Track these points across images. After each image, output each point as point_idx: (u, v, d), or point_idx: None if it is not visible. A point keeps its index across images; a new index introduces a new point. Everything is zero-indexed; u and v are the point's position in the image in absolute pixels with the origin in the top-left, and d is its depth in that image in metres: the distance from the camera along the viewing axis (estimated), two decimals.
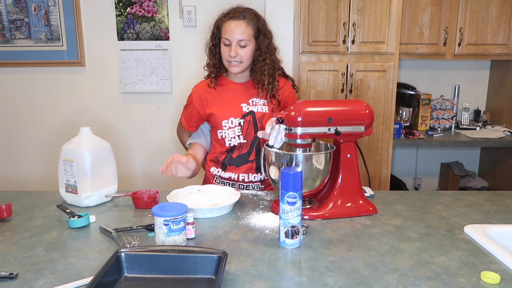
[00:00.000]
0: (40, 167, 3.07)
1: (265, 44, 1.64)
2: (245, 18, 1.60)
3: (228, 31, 1.60)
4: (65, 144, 1.45)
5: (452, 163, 3.35)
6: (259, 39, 1.63)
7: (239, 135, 1.68)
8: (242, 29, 1.59)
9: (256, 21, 1.63)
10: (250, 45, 1.62)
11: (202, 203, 1.38)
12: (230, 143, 1.70)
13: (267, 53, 1.65)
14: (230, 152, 1.71)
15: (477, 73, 3.33)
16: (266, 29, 1.66)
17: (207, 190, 1.50)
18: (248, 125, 1.68)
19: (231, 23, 1.60)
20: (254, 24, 1.62)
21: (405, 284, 0.95)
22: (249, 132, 1.69)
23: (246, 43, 1.60)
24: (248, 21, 1.60)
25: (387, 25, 2.56)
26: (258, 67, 1.65)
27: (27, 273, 1.00)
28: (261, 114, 1.69)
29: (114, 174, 1.53)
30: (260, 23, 1.64)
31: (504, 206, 1.45)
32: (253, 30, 1.62)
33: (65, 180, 1.45)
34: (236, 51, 1.60)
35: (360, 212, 1.37)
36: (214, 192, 1.48)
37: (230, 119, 1.67)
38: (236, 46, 1.60)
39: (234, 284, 0.95)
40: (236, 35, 1.59)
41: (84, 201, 1.43)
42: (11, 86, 2.98)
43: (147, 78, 2.95)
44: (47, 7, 2.85)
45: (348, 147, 1.37)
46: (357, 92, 2.63)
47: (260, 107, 1.70)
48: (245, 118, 1.68)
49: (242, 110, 1.68)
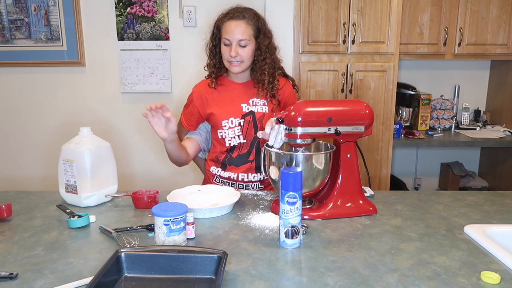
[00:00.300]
0: (40, 167, 3.07)
1: (265, 44, 1.64)
2: (245, 18, 1.61)
3: (228, 31, 1.60)
4: (65, 144, 1.45)
5: (452, 163, 3.35)
6: (259, 39, 1.64)
7: (239, 135, 1.68)
8: (242, 29, 1.59)
9: (256, 20, 1.63)
10: (250, 45, 1.62)
11: (202, 203, 1.38)
12: (230, 143, 1.70)
13: (267, 52, 1.65)
14: (230, 152, 1.71)
15: (477, 73, 3.33)
16: (266, 28, 1.66)
17: (207, 190, 1.50)
18: (248, 125, 1.68)
19: (231, 23, 1.60)
20: (254, 24, 1.62)
21: (405, 284, 0.95)
22: (249, 132, 1.69)
23: (247, 43, 1.60)
24: (248, 20, 1.61)
25: (387, 25, 2.56)
26: (258, 66, 1.66)
27: (27, 273, 1.00)
28: (261, 114, 1.69)
29: (114, 174, 1.53)
30: (260, 22, 1.64)
31: (504, 206, 1.45)
32: (253, 30, 1.62)
33: (65, 180, 1.45)
34: (237, 51, 1.60)
35: (360, 212, 1.37)
36: (214, 192, 1.48)
37: (230, 119, 1.67)
38: (236, 46, 1.60)
39: (234, 284, 0.95)
40: (236, 35, 1.59)
41: (84, 201, 1.43)
42: (11, 86, 2.98)
43: (147, 78, 2.95)
44: (47, 7, 2.85)
45: (348, 147, 1.37)
46: (357, 92, 2.63)
47: (260, 107, 1.70)
48: (245, 118, 1.68)
49: (242, 110, 1.68)
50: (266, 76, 1.65)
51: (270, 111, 1.70)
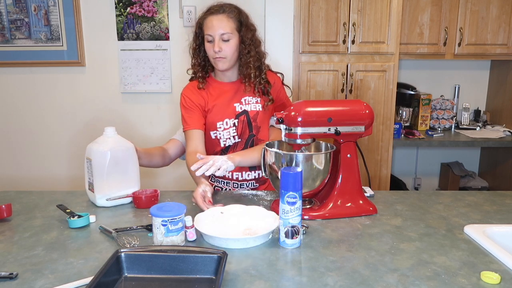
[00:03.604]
0: (40, 167, 3.07)
1: (248, 37, 1.61)
2: (225, 12, 1.58)
3: (209, 26, 1.58)
4: (91, 142, 1.45)
5: (452, 163, 3.35)
6: (242, 32, 1.60)
7: (234, 135, 1.68)
8: (223, 23, 1.57)
9: (236, 13, 1.60)
10: (234, 39, 1.59)
11: (233, 228, 1.20)
12: (225, 143, 1.69)
13: (251, 45, 1.62)
14: (224, 151, 1.70)
15: (477, 73, 3.33)
16: (248, 21, 1.63)
17: (231, 212, 1.30)
18: (242, 125, 1.68)
19: (212, 18, 1.58)
20: (235, 17, 1.59)
21: (405, 284, 0.95)
22: (244, 131, 1.68)
23: (229, 37, 1.57)
24: (228, 14, 1.58)
25: (387, 25, 2.56)
26: (243, 60, 1.63)
27: (27, 273, 1.00)
28: (254, 112, 1.68)
29: (135, 176, 1.48)
30: (241, 16, 1.61)
31: (504, 206, 1.45)
32: (235, 23, 1.59)
33: (87, 178, 1.45)
34: (220, 46, 1.57)
35: (360, 212, 1.37)
36: (240, 213, 1.29)
37: (225, 120, 1.66)
38: (219, 40, 1.57)
39: (234, 284, 0.95)
40: (218, 30, 1.56)
41: (99, 201, 1.42)
42: (11, 86, 2.98)
43: (147, 78, 2.95)
44: (47, 7, 2.85)
45: (348, 147, 1.37)
46: (357, 92, 2.63)
47: (253, 105, 1.68)
48: (239, 118, 1.67)
49: (236, 110, 1.67)
50: (251, 69, 1.62)
51: (263, 108, 1.69)
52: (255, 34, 1.65)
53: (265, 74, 1.67)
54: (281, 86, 1.77)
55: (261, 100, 1.69)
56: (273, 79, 1.73)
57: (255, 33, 1.65)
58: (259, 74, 1.65)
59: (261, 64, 1.66)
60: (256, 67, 1.63)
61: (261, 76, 1.65)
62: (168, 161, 1.77)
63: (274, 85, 1.71)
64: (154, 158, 1.70)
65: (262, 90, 1.68)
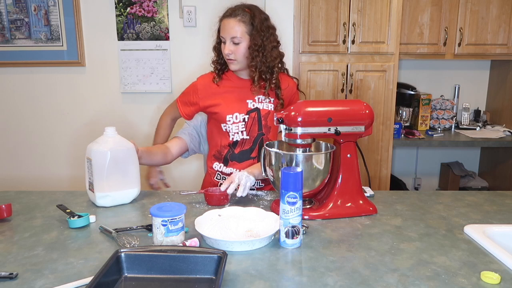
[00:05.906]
0: (40, 167, 3.07)
1: (257, 41, 1.62)
2: (237, 16, 1.61)
3: (223, 29, 1.64)
4: (91, 142, 1.45)
5: (452, 163, 3.35)
6: (253, 36, 1.62)
7: (242, 131, 1.70)
8: (234, 27, 1.60)
9: (249, 17, 1.62)
10: (244, 42, 1.62)
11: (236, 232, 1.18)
12: (233, 138, 1.71)
13: (259, 49, 1.63)
14: (232, 147, 1.73)
15: (477, 73, 3.33)
16: (261, 25, 1.63)
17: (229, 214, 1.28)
18: (252, 122, 1.70)
19: (225, 21, 1.63)
20: (247, 21, 1.61)
21: (405, 284, 0.95)
22: (252, 129, 1.70)
23: (239, 40, 1.61)
24: (240, 18, 1.61)
25: (387, 25, 2.56)
26: (250, 63, 1.65)
27: (27, 273, 1.00)
28: (266, 111, 1.71)
29: (135, 177, 1.48)
30: (254, 19, 1.62)
31: (504, 206, 1.45)
32: (247, 27, 1.61)
33: (87, 178, 1.45)
34: (230, 49, 1.62)
35: (360, 212, 1.37)
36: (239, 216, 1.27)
37: (234, 114, 1.68)
38: (230, 43, 1.62)
39: (234, 284, 0.95)
40: (229, 33, 1.61)
41: (98, 201, 1.42)
42: (11, 86, 2.98)
43: (147, 78, 2.95)
44: (47, 7, 2.85)
45: (348, 147, 1.37)
46: (357, 92, 2.63)
47: (266, 105, 1.71)
48: (249, 114, 1.69)
49: (248, 106, 1.70)
50: (255, 73, 1.64)
51: (275, 109, 1.71)
52: (269, 37, 1.65)
53: (276, 77, 1.68)
54: (296, 91, 1.78)
55: (275, 100, 1.72)
56: (287, 83, 1.74)
57: (269, 35, 1.65)
58: (270, 76, 1.66)
59: (272, 67, 1.66)
60: (261, 70, 1.64)
61: (271, 79, 1.66)
62: (170, 159, 1.77)
63: (286, 89, 1.72)
64: (155, 157, 1.70)
65: (275, 92, 1.70)
